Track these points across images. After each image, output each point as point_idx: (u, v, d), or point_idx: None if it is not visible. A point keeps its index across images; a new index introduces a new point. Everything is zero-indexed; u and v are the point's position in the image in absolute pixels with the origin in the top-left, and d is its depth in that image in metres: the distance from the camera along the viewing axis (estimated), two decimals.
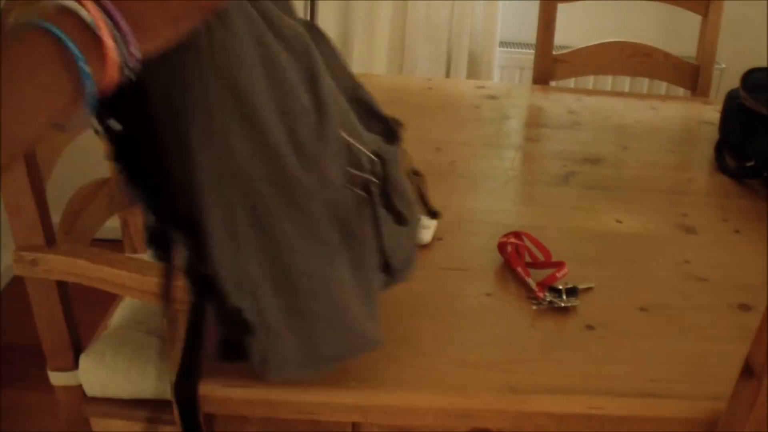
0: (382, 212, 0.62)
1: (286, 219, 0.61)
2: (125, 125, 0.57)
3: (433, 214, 0.76)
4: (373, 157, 0.60)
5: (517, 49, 2.22)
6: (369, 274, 0.69)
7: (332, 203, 0.61)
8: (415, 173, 0.74)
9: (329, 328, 0.68)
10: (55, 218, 1.14)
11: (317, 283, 0.65)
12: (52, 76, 0.44)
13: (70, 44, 0.44)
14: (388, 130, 0.71)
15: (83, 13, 0.44)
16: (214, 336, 0.70)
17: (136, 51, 0.47)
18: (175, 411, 0.71)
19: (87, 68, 0.44)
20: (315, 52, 0.59)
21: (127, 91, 0.52)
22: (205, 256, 0.64)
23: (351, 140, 0.58)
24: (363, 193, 0.60)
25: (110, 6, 0.45)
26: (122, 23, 0.45)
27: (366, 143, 0.62)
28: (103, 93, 0.47)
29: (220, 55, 0.55)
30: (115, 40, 0.45)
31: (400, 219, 0.63)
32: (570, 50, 1.77)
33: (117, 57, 0.46)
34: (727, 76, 2.24)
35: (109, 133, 0.57)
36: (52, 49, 0.44)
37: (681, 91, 2.05)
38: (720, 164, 1.34)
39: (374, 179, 0.60)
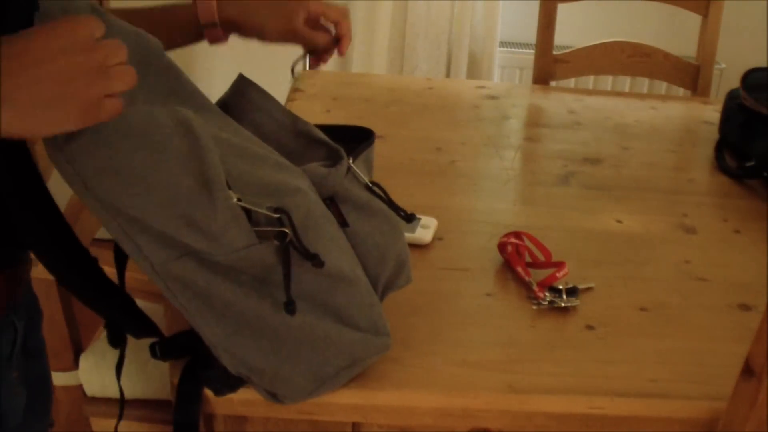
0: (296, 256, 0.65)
1: (212, 281, 0.64)
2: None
3: (408, 218, 0.77)
4: (270, 213, 0.62)
5: (517, 49, 2.22)
6: (334, 296, 0.70)
7: (249, 261, 0.63)
8: (374, 184, 0.75)
9: (318, 349, 0.69)
10: None
11: (271, 318, 0.66)
12: None
13: None
14: (331, 152, 0.74)
15: None
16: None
17: None
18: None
19: None
20: (196, 127, 0.61)
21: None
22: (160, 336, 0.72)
23: (244, 204, 0.61)
24: (277, 243, 0.63)
25: None
26: None
27: (271, 195, 0.64)
28: None
29: (96, 185, 0.59)
30: None
31: (316, 262, 0.65)
32: (570, 50, 1.77)
33: None
34: (727, 76, 2.24)
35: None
36: None
37: (681, 91, 2.05)
38: (720, 164, 1.34)
39: (285, 229, 0.63)
